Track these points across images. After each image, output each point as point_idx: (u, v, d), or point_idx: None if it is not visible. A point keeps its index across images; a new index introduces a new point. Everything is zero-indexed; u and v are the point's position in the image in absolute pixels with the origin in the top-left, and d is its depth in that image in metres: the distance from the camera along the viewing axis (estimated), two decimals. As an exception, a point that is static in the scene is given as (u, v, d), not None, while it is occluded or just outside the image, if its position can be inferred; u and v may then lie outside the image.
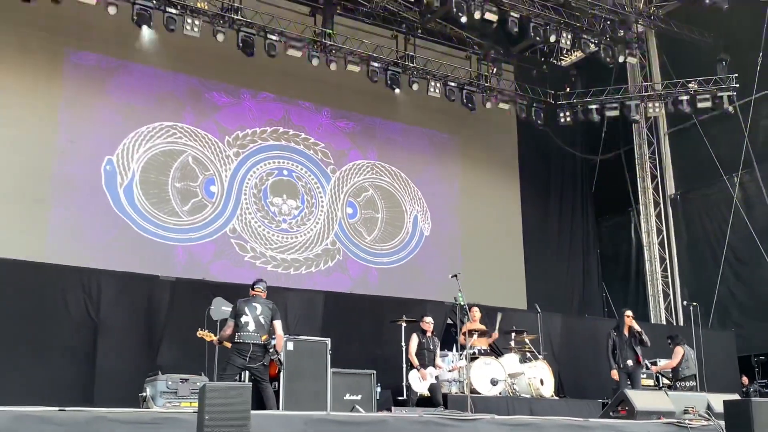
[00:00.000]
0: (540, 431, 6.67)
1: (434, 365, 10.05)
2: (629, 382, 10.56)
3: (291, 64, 14.30)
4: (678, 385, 11.37)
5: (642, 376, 12.06)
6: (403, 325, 10.44)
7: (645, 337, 10.71)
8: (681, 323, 16.75)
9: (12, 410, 4.79)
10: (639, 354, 10.72)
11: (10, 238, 11.60)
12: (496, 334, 11.49)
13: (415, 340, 10.03)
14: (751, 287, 15.62)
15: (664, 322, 17.07)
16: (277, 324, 8.14)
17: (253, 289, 8.32)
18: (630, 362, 10.63)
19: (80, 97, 13.18)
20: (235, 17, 13.38)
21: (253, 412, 4.99)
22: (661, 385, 11.98)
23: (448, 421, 6.35)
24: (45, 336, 8.87)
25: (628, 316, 10.89)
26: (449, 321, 11.98)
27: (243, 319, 7.95)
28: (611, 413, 8.56)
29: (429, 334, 10.15)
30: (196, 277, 11.86)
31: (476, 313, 11.38)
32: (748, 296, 15.64)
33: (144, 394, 7.18)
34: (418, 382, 9.76)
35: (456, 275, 9.42)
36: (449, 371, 10.46)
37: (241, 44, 13.40)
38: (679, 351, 11.52)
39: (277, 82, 14.93)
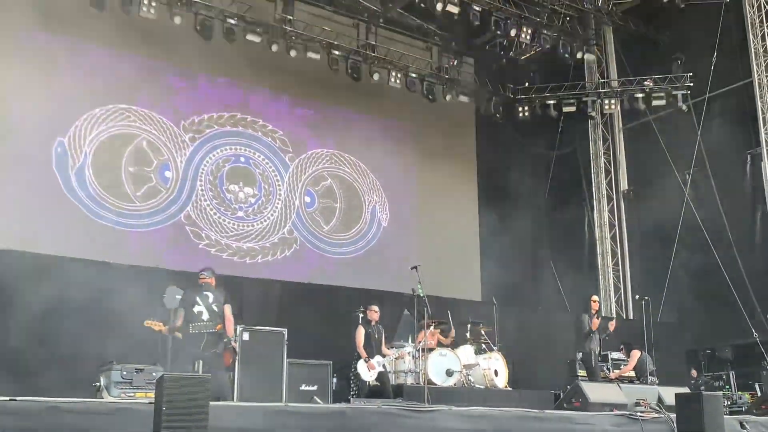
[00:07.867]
0: (497, 422, 6.71)
1: (381, 353, 10.00)
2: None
3: (250, 50, 14.07)
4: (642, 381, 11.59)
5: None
6: (360, 315, 10.41)
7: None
8: (631, 316, 17.08)
9: (-41, 401, 4.61)
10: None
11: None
12: (452, 333, 11.49)
13: (361, 331, 9.96)
14: (699, 282, 15.96)
15: (614, 315, 17.36)
16: (227, 308, 8.02)
17: (200, 277, 8.15)
18: (597, 349, 10.79)
19: (32, 76, 12.73)
20: (193, 0, 13.09)
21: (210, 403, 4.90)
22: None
23: (407, 412, 6.35)
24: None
25: (596, 301, 11.09)
26: (406, 312, 11.97)
27: (196, 308, 7.81)
28: (565, 404, 8.71)
29: (374, 323, 10.07)
30: (148, 264, 11.62)
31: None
32: (696, 291, 15.98)
33: (98, 384, 7.02)
34: (366, 371, 9.72)
35: (416, 267, 9.43)
36: (396, 358, 10.38)
37: (198, 28, 13.15)
38: (635, 353, 11.77)
39: (235, 68, 14.59)
